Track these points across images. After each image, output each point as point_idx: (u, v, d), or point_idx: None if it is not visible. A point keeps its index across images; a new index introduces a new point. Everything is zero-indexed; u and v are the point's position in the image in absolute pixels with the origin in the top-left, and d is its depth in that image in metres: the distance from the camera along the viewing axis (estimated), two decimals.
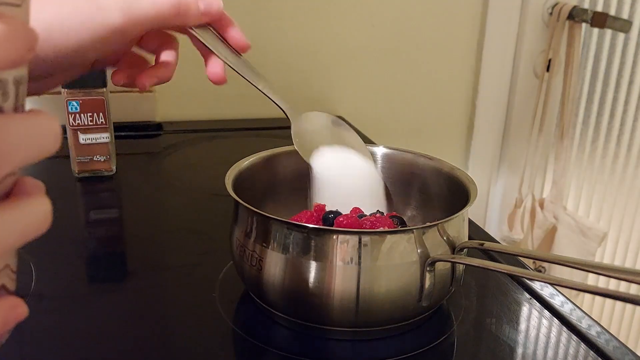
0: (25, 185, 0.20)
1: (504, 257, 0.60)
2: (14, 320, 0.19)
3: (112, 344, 0.48)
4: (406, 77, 1.19)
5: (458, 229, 0.49)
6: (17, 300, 0.20)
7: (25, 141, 0.17)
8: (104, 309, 0.52)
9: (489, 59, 1.21)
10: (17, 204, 0.19)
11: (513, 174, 1.30)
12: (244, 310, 0.51)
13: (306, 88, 1.13)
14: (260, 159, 0.58)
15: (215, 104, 1.09)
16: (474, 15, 1.19)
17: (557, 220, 1.23)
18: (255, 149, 0.59)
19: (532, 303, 0.55)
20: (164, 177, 0.86)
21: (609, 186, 1.38)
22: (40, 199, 0.19)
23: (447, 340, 0.49)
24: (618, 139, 1.35)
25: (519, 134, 1.27)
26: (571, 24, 1.18)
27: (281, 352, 0.47)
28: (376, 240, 0.44)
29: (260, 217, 0.47)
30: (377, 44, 1.15)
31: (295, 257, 0.45)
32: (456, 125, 1.27)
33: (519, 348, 0.49)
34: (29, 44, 0.17)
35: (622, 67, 1.30)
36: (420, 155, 0.59)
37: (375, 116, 1.19)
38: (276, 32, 1.08)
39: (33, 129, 0.18)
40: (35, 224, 0.19)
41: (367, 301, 0.45)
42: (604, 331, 0.51)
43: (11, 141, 0.17)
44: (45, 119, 0.18)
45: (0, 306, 0.19)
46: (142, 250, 0.64)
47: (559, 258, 0.41)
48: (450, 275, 0.48)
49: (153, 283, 0.57)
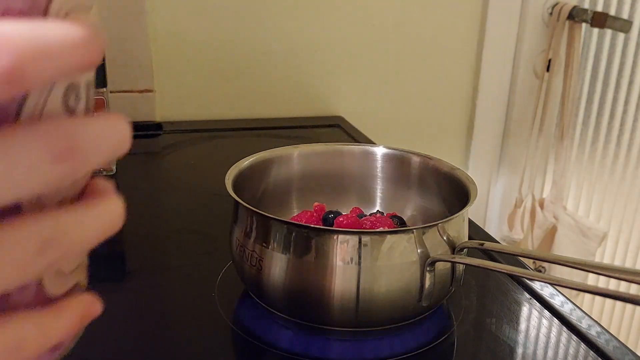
0: (98, 185, 0.20)
1: (504, 257, 0.60)
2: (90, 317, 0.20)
3: (112, 344, 0.48)
4: (406, 77, 1.19)
5: (458, 229, 0.49)
6: (93, 297, 0.21)
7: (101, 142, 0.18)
8: (104, 309, 0.52)
9: (489, 59, 1.21)
10: (93, 204, 0.19)
11: (513, 174, 1.30)
12: (243, 310, 0.51)
13: (306, 88, 1.13)
14: (260, 159, 0.58)
15: (215, 104, 1.09)
16: (474, 15, 1.19)
17: (557, 220, 1.23)
18: (255, 149, 0.59)
19: (532, 303, 0.55)
20: (163, 177, 0.86)
21: (609, 186, 1.38)
22: (114, 199, 0.20)
23: (447, 340, 0.49)
24: (618, 139, 1.35)
25: (519, 134, 1.27)
26: (571, 24, 1.18)
27: (281, 352, 0.47)
28: (376, 240, 0.44)
29: (260, 217, 0.47)
30: (377, 44, 1.15)
31: (295, 257, 0.45)
32: (456, 125, 1.27)
33: (519, 348, 0.49)
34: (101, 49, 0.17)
35: (622, 67, 1.30)
36: (420, 155, 0.59)
37: (375, 116, 1.19)
38: (276, 32, 1.08)
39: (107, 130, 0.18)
40: (110, 223, 0.19)
41: (367, 301, 0.45)
42: (604, 331, 0.50)
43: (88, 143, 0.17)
44: (117, 120, 0.19)
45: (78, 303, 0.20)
46: (142, 250, 0.64)
47: (559, 258, 0.41)
48: (450, 275, 0.48)
49: (153, 283, 0.57)
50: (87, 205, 0.19)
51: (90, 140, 0.17)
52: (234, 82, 1.09)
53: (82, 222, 0.18)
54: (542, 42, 1.22)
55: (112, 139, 0.18)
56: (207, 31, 1.04)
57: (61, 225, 0.18)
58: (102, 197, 0.20)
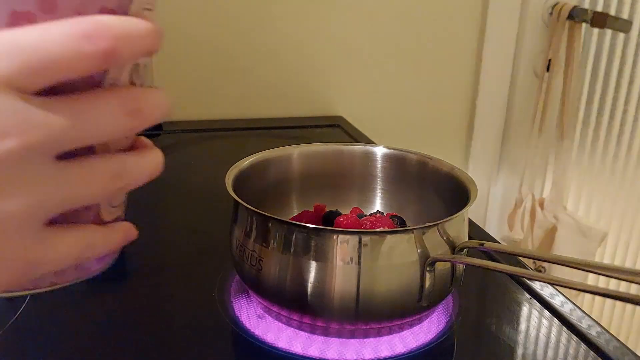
0: (144, 141, 0.27)
1: (504, 257, 0.60)
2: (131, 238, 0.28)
3: (112, 344, 0.48)
4: (406, 77, 1.19)
5: (458, 229, 0.49)
6: (131, 225, 0.29)
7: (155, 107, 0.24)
8: (104, 309, 0.52)
9: (489, 59, 1.21)
10: (144, 152, 0.26)
11: (513, 174, 1.30)
12: (243, 310, 0.51)
13: (306, 88, 1.13)
14: (260, 159, 0.58)
15: (215, 104, 1.09)
16: (474, 15, 1.19)
17: (557, 220, 1.23)
18: (255, 149, 0.59)
19: (532, 303, 0.55)
20: (163, 177, 0.86)
21: (609, 186, 1.38)
22: (156, 151, 0.27)
23: (447, 340, 0.49)
24: (618, 139, 1.35)
25: (519, 134, 1.27)
26: (571, 24, 1.18)
27: (281, 352, 0.47)
28: (376, 240, 0.44)
29: (260, 217, 0.47)
30: (377, 44, 1.15)
31: (295, 257, 0.45)
32: (456, 125, 1.27)
33: (519, 348, 0.49)
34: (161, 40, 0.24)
35: (622, 67, 1.30)
36: (420, 155, 0.59)
37: (375, 116, 1.19)
38: (276, 32, 1.08)
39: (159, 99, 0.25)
40: (155, 167, 0.26)
41: (367, 301, 0.45)
42: (604, 331, 0.50)
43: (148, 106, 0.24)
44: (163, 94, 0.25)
45: (122, 226, 0.28)
46: (141, 250, 0.64)
47: (559, 258, 0.41)
48: (450, 275, 0.48)
49: (153, 283, 0.57)
50: (140, 153, 0.26)
51: (150, 104, 0.24)
52: (234, 82, 1.09)
53: (138, 164, 0.25)
54: (542, 42, 1.22)
55: (162, 106, 0.25)
56: (208, 31, 1.04)
57: (126, 164, 0.25)
58: (148, 148, 0.26)
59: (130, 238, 0.28)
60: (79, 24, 0.21)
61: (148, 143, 0.27)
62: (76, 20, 0.21)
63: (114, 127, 0.23)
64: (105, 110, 0.23)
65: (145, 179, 0.26)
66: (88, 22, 0.21)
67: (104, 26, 0.21)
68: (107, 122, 0.23)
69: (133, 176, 0.25)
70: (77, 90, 0.22)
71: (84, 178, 0.23)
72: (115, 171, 0.24)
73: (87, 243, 0.25)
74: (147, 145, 0.27)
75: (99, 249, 0.26)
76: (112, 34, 0.21)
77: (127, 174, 0.25)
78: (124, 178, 0.24)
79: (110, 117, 0.23)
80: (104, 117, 0.23)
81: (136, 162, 0.25)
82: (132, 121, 0.23)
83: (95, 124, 0.22)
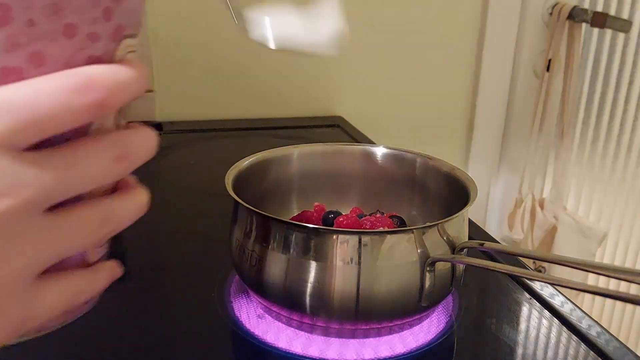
0: (127, 180, 0.26)
1: (504, 257, 0.60)
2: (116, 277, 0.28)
3: (112, 344, 0.48)
4: (406, 77, 1.19)
5: (458, 229, 0.49)
6: (116, 263, 0.28)
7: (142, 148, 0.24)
8: (103, 309, 0.52)
9: (489, 59, 1.21)
10: (130, 193, 0.26)
11: (513, 174, 1.30)
12: (243, 310, 0.51)
13: (306, 88, 1.13)
14: (260, 159, 0.58)
15: (215, 104, 1.09)
16: (474, 15, 1.19)
17: (557, 220, 1.23)
18: (255, 149, 0.59)
19: (532, 303, 0.55)
20: (164, 177, 0.86)
21: (609, 186, 1.37)
22: (141, 190, 0.26)
23: (447, 340, 0.49)
24: (618, 139, 1.34)
25: (519, 134, 1.27)
26: (571, 24, 1.18)
27: (281, 352, 0.47)
28: (376, 240, 0.44)
29: (260, 217, 0.47)
30: (377, 44, 1.15)
31: (295, 257, 0.45)
32: (456, 125, 1.27)
33: (519, 348, 0.49)
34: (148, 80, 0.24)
35: (622, 67, 1.29)
36: (420, 155, 0.59)
37: (375, 116, 1.19)
38: None
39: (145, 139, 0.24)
40: (141, 207, 0.26)
41: (367, 301, 0.45)
42: (604, 331, 0.50)
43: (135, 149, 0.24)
44: (149, 131, 0.25)
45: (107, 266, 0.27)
46: (141, 250, 0.64)
47: (559, 258, 0.41)
48: (450, 275, 0.48)
49: (153, 283, 0.57)
50: (126, 194, 0.25)
51: (136, 147, 0.24)
52: (234, 82, 1.09)
53: (125, 206, 0.25)
54: (542, 42, 1.22)
55: (149, 145, 0.24)
56: (207, 31, 1.04)
57: (113, 209, 0.24)
58: (133, 188, 0.26)
59: (115, 277, 0.28)
60: (70, 78, 0.21)
61: (132, 182, 0.27)
62: (66, 74, 0.21)
63: (102, 175, 0.23)
64: (93, 159, 0.23)
65: (132, 220, 0.26)
66: (78, 75, 0.21)
67: (95, 78, 0.21)
68: (96, 170, 0.23)
69: (121, 220, 0.25)
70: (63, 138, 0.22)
71: (73, 228, 0.23)
72: (104, 217, 0.24)
73: (75, 291, 0.25)
74: (131, 185, 0.26)
75: (87, 295, 0.26)
76: (102, 85, 0.21)
77: (115, 218, 0.24)
78: (112, 223, 0.24)
79: (99, 166, 0.23)
80: (93, 166, 0.23)
81: (123, 205, 0.25)
82: (120, 167, 0.23)
83: (85, 174, 0.22)
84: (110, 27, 0.23)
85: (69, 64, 0.22)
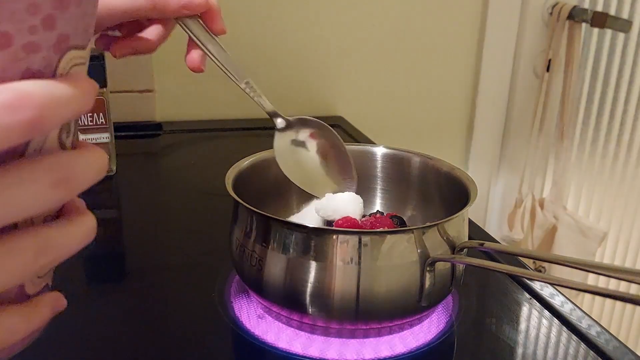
0: (75, 203, 0.24)
1: (504, 257, 0.60)
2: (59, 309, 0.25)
3: (111, 345, 0.48)
4: (406, 77, 1.19)
5: (458, 229, 0.49)
6: (59, 294, 0.25)
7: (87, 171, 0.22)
8: (103, 309, 0.52)
9: (489, 59, 1.21)
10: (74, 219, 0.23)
11: (513, 174, 1.30)
12: (243, 310, 0.51)
13: (306, 88, 1.13)
14: (260, 159, 0.58)
15: (215, 104, 1.09)
16: (474, 15, 1.19)
17: (557, 220, 1.23)
18: (255, 149, 0.59)
19: (532, 303, 0.55)
20: (163, 177, 0.86)
21: (609, 186, 1.38)
22: (89, 215, 0.24)
23: (447, 340, 0.49)
24: (618, 139, 1.35)
25: (519, 134, 1.27)
26: (571, 24, 1.18)
27: (281, 352, 0.47)
28: (376, 240, 0.44)
29: (260, 217, 0.47)
30: (377, 44, 1.15)
31: (295, 257, 0.45)
32: (456, 125, 1.27)
33: (519, 348, 0.49)
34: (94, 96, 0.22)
35: (622, 67, 1.30)
36: (420, 155, 0.59)
37: (375, 116, 1.19)
38: (276, 32, 1.08)
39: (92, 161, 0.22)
40: (87, 234, 0.23)
41: (367, 301, 0.45)
42: (604, 331, 0.50)
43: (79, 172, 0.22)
44: (98, 152, 0.23)
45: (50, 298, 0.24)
46: (141, 250, 0.64)
47: (559, 258, 0.41)
48: (450, 275, 0.48)
49: (153, 283, 0.57)
50: (68, 220, 0.23)
51: (80, 170, 0.22)
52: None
53: (66, 234, 0.22)
54: (542, 42, 1.22)
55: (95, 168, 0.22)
56: None
57: (51, 238, 0.22)
58: (79, 213, 0.24)
59: (58, 309, 0.25)
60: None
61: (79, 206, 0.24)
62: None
63: (38, 202, 0.20)
64: (28, 185, 0.20)
65: (76, 250, 0.23)
66: (8, 91, 0.19)
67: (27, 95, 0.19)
68: (32, 197, 0.20)
69: (61, 249, 0.22)
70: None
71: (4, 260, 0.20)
72: (40, 247, 0.21)
73: (8, 330, 0.22)
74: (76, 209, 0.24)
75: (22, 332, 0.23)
76: (36, 102, 0.19)
77: (54, 248, 0.22)
78: (50, 253, 0.22)
79: (34, 192, 0.20)
80: (27, 193, 0.20)
81: (63, 233, 0.22)
82: (60, 192, 0.21)
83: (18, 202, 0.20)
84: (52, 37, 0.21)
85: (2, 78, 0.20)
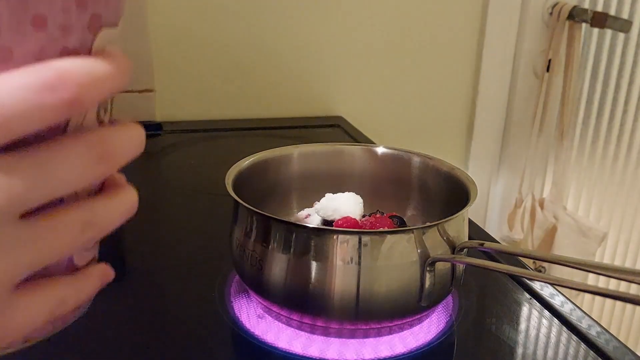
0: (115, 178, 0.25)
1: (504, 257, 0.60)
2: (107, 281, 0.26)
3: (111, 344, 0.48)
4: (406, 77, 1.19)
5: (458, 229, 0.49)
6: (107, 266, 0.27)
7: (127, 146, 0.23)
8: (103, 309, 0.52)
9: (489, 59, 1.21)
10: (116, 193, 0.24)
11: (513, 174, 1.30)
12: (243, 310, 0.51)
13: (306, 88, 1.13)
14: (260, 159, 0.58)
15: (215, 104, 1.09)
16: (474, 15, 1.19)
17: (557, 220, 1.23)
18: (255, 149, 0.59)
19: (532, 303, 0.55)
20: (163, 177, 0.86)
21: (609, 186, 1.38)
22: (130, 189, 0.25)
23: (447, 340, 0.49)
24: (618, 139, 1.35)
25: (519, 134, 1.27)
26: (571, 24, 1.18)
27: (281, 352, 0.47)
28: (376, 240, 0.44)
29: (260, 217, 0.47)
30: (377, 44, 1.15)
31: (295, 257, 0.45)
32: (456, 125, 1.27)
33: (519, 348, 0.49)
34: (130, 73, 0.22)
35: (622, 67, 1.30)
36: (420, 155, 0.59)
37: (375, 116, 1.19)
38: (276, 32, 1.08)
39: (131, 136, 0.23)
40: (129, 208, 0.24)
41: (367, 301, 0.45)
42: (604, 331, 0.50)
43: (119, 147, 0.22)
44: (136, 128, 0.23)
45: (98, 270, 0.26)
46: (141, 250, 0.64)
47: (559, 258, 0.41)
48: (450, 275, 0.48)
49: (153, 283, 0.57)
50: (111, 194, 0.24)
51: (120, 145, 0.22)
52: (234, 82, 1.09)
53: (110, 208, 0.23)
54: (542, 42, 1.22)
55: (134, 142, 0.23)
56: (207, 31, 1.04)
57: (96, 212, 0.23)
58: (120, 187, 0.24)
59: (106, 281, 0.26)
60: (39, 74, 0.19)
61: (120, 181, 0.25)
62: (35, 70, 0.19)
63: (83, 177, 0.21)
64: (72, 160, 0.21)
65: (119, 223, 0.24)
66: (49, 70, 0.19)
67: (67, 74, 0.20)
68: (75, 172, 0.21)
69: (105, 223, 0.23)
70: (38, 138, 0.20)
71: (52, 234, 0.21)
72: (86, 220, 0.22)
73: (59, 300, 0.23)
74: (118, 184, 0.25)
75: (73, 302, 0.24)
76: (75, 82, 0.20)
77: (99, 221, 0.23)
78: (96, 226, 0.23)
79: (78, 167, 0.21)
80: (71, 167, 0.21)
81: (108, 207, 0.23)
82: (103, 167, 0.22)
83: (62, 176, 0.21)
84: (86, 16, 0.21)
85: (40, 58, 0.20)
